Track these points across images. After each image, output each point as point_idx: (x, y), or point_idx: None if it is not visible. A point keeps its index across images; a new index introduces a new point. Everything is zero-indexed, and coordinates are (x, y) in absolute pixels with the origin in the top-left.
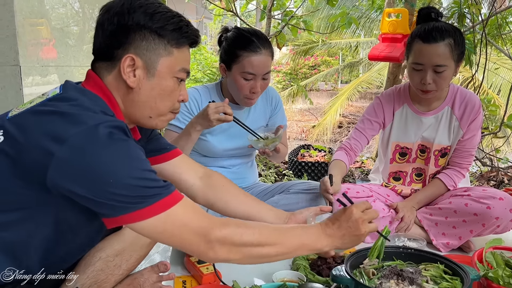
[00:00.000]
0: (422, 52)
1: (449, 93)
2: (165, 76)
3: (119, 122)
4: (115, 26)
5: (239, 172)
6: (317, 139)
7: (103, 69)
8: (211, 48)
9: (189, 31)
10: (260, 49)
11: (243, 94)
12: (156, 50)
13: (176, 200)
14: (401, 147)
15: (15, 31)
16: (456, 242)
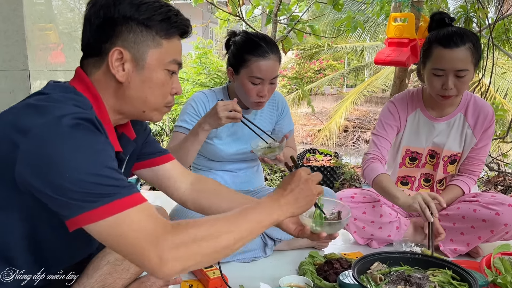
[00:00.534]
0: (444, 57)
1: (462, 100)
2: (155, 68)
3: (88, 114)
4: (102, 19)
5: (245, 176)
6: (323, 143)
7: (91, 65)
8: (217, 52)
9: (178, 20)
10: (269, 54)
11: (251, 98)
12: (144, 42)
13: (134, 203)
14: (411, 151)
15: (24, 36)
16: (463, 248)
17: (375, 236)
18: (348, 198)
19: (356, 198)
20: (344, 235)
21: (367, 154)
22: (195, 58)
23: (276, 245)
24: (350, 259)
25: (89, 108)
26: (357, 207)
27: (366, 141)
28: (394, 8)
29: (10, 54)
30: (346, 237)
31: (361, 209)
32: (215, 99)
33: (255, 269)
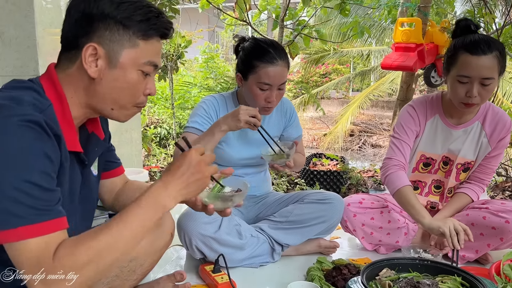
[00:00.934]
0: (470, 64)
1: (480, 108)
2: (128, 68)
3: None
4: (80, 13)
5: (252, 181)
6: (328, 147)
7: (67, 59)
8: (223, 56)
9: (158, 22)
10: (277, 60)
11: (259, 103)
12: (119, 41)
13: (41, 232)
14: (426, 157)
15: (36, 42)
16: (472, 255)
17: (383, 242)
18: (356, 203)
19: (364, 203)
20: (352, 240)
21: (390, 159)
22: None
23: (283, 251)
24: (358, 265)
25: (46, 107)
26: (365, 212)
27: (372, 145)
28: (401, 13)
29: (21, 60)
30: (353, 243)
31: (369, 215)
32: (224, 103)
33: (263, 274)
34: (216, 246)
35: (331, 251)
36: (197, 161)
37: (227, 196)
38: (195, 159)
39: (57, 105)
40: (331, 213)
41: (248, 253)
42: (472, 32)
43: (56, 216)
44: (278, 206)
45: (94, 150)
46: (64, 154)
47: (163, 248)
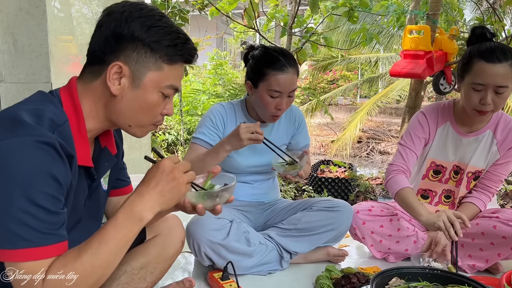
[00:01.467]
0: (485, 72)
1: (493, 117)
2: (150, 89)
3: (50, 138)
4: (110, 31)
5: (261, 188)
6: (336, 154)
7: (92, 73)
8: (231, 63)
9: (184, 49)
10: (287, 68)
11: (269, 111)
12: (145, 63)
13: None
14: (436, 164)
15: (48, 50)
16: (482, 265)
17: (392, 250)
18: (365, 211)
19: (373, 211)
20: (361, 248)
21: (392, 165)
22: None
23: (292, 258)
24: (367, 274)
25: (63, 122)
26: (375, 220)
27: (381, 152)
28: (409, 20)
29: (34, 67)
30: (362, 251)
31: (379, 223)
32: (233, 112)
33: (272, 282)
34: (225, 253)
35: (340, 259)
36: (170, 169)
37: (214, 193)
38: (168, 167)
39: (73, 119)
40: (340, 221)
41: (256, 261)
42: (487, 40)
43: (59, 241)
44: (286, 213)
45: (104, 164)
46: (74, 171)
47: (174, 255)
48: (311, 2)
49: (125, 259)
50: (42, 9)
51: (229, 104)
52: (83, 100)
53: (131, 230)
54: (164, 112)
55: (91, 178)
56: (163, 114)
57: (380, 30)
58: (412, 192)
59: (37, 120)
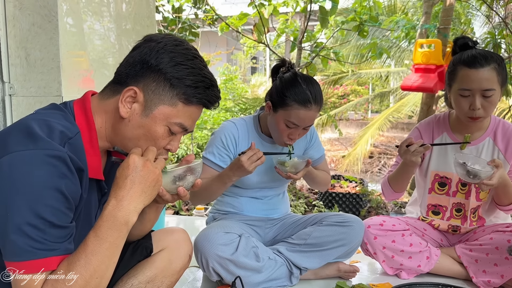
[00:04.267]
0: (470, 77)
1: (490, 124)
2: (158, 122)
3: (61, 153)
4: (140, 57)
5: (271, 203)
6: (347, 169)
7: (111, 91)
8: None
9: (204, 93)
10: (311, 105)
11: (281, 138)
12: (161, 96)
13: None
14: (440, 176)
15: (59, 64)
16: (498, 281)
17: (405, 266)
18: (377, 225)
19: (385, 225)
20: (372, 265)
21: (388, 172)
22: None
23: (302, 274)
24: None
25: (74, 134)
26: (386, 235)
27: None
28: (420, 34)
29: (45, 81)
30: (374, 267)
31: (390, 238)
32: (245, 129)
33: None
34: (233, 268)
35: (350, 275)
36: (143, 164)
37: (177, 175)
38: (140, 162)
39: (85, 132)
40: (351, 237)
41: (265, 276)
42: (469, 48)
43: (62, 253)
44: (296, 228)
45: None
46: (85, 184)
47: (181, 270)
48: (321, 17)
49: (132, 273)
50: (54, 23)
51: (241, 120)
52: (96, 115)
53: (118, 236)
54: (167, 147)
55: (102, 191)
56: (166, 149)
57: (390, 44)
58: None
59: (48, 132)
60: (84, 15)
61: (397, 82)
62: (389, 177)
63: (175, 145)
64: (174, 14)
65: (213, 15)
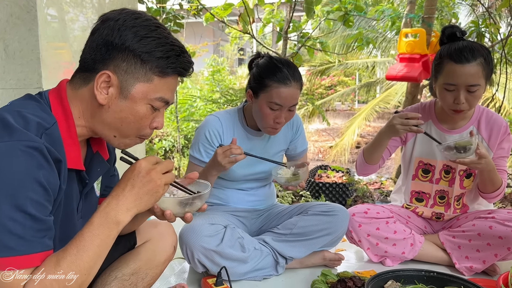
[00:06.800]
0: (456, 72)
1: (474, 113)
2: (138, 101)
3: (38, 143)
4: (102, 40)
5: (257, 194)
6: (335, 159)
7: (81, 79)
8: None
9: (177, 61)
10: (290, 81)
11: (267, 123)
12: (135, 74)
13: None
14: (424, 163)
15: (39, 55)
16: (480, 266)
17: (389, 253)
18: (361, 213)
19: (369, 213)
20: (357, 253)
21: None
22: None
23: (288, 263)
24: (364, 278)
25: (51, 125)
26: (371, 223)
27: None
28: (405, 24)
29: (25, 73)
30: (359, 255)
31: (375, 225)
32: (230, 122)
33: (267, 287)
34: (219, 259)
35: (336, 263)
36: (147, 171)
37: (184, 200)
38: (145, 169)
39: (63, 122)
40: (336, 225)
41: (251, 266)
42: (457, 39)
43: (43, 250)
44: (281, 218)
45: (97, 170)
46: (64, 175)
47: (166, 261)
48: (306, 7)
49: (116, 265)
50: (33, 14)
51: (225, 114)
52: (72, 105)
53: (109, 234)
54: (153, 125)
55: (83, 183)
56: (152, 127)
57: (377, 35)
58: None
59: (24, 123)
60: (65, 6)
61: (383, 72)
62: (364, 147)
63: (160, 121)
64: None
65: (198, 5)
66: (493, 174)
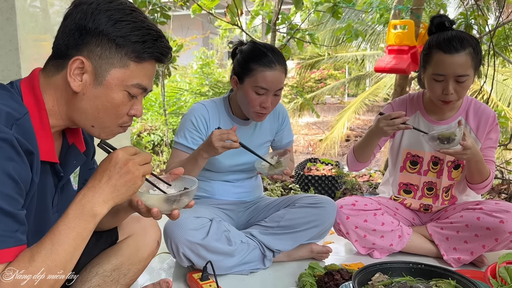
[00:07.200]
0: (444, 63)
1: (463, 104)
2: (114, 88)
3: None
4: (75, 24)
5: (243, 186)
6: (325, 153)
7: (54, 67)
8: (218, 62)
9: (154, 46)
10: (275, 65)
11: (253, 109)
12: (109, 59)
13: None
14: (412, 155)
15: (18, 46)
16: (467, 257)
17: (377, 245)
18: (349, 205)
19: (357, 205)
20: (346, 245)
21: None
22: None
23: (275, 257)
24: (351, 270)
25: (22, 115)
26: (358, 215)
27: None
28: (394, 15)
29: (3, 63)
30: (347, 248)
31: (362, 217)
32: (216, 111)
33: (254, 281)
34: (204, 253)
35: (323, 256)
36: (124, 162)
37: (171, 197)
38: (122, 160)
39: (35, 113)
40: (323, 218)
41: (238, 260)
42: (446, 29)
43: (16, 244)
44: (269, 211)
45: (72, 162)
46: (36, 168)
47: (149, 257)
48: None
49: (97, 261)
50: (10, 3)
51: (211, 102)
52: (46, 94)
53: (85, 227)
54: (131, 112)
55: (58, 176)
56: (130, 115)
57: (366, 27)
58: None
59: None
60: None
61: (372, 65)
62: (354, 146)
63: (139, 109)
64: None
65: None
66: (480, 164)
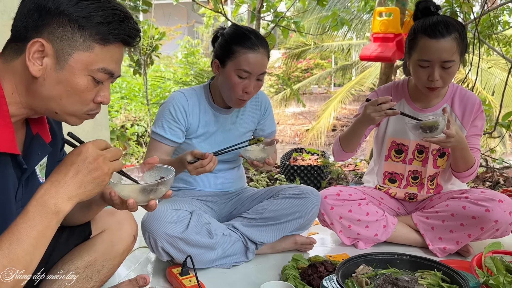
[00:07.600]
0: (430, 48)
1: (448, 91)
2: (77, 72)
3: None
4: (34, 4)
5: (226, 176)
6: (311, 142)
7: (13, 50)
8: (203, 52)
9: (120, 28)
10: (258, 47)
11: (236, 93)
12: (72, 41)
13: None
14: (397, 143)
15: None
16: (453, 247)
17: (362, 236)
18: (334, 195)
19: (341, 195)
20: (330, 236)
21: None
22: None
23: (258, 249)
24: (336, 262)
25: None
26: (343, 205)
27: None
28: (379, 3)
29: None
30: (332, 239)
31: (347, 207)
32: (196, 99)
33: (236, 275)
34: (184, 247)
35: (308, 247)
36: (94, 157)
37: (148, 187)
38: (93, 155)
39: None
40: (307, 208)
41: (219, 253)
42: (432, 14)
43: None
44: (252, 202)
45: (37, 153)
46: None
47: (124, 252)
48: None
49: (68, 258)
50: None
51: (191, 90)
52: (4, 80)
53: (48, 225)
54: (98, 99)
55: (21, 168)
56: (97, 102)
57: (352, 16)
58: None
59: None
60: None
61: (358, 55)
62: (341, 136)
63: (106, 95)
64: None
65: None
66: (465, 152)
